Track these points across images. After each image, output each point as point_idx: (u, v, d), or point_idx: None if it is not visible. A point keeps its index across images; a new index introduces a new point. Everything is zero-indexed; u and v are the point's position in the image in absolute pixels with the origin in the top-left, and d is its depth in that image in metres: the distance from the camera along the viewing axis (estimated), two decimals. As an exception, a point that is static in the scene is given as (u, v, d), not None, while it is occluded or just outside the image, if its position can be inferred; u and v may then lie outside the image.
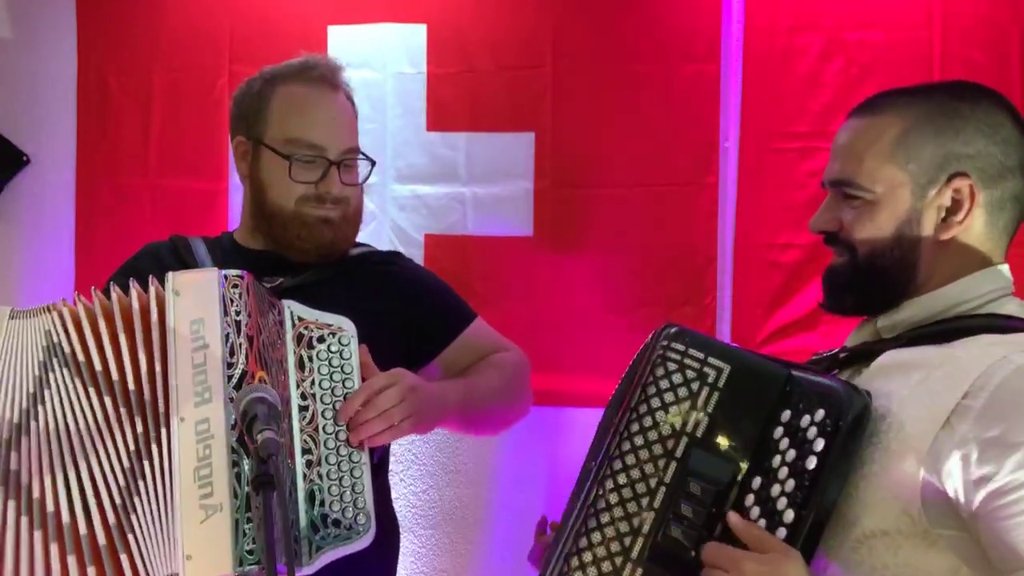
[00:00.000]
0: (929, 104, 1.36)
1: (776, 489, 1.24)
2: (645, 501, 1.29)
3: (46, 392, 1.43)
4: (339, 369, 1.59)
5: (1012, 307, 1.34)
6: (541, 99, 2.66)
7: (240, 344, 1.42)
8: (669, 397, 1.34)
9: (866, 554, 1.25)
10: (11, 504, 1.40)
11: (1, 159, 2.82)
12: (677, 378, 1.34)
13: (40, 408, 1.42)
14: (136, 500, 1.38)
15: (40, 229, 2.85)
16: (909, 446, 1.23)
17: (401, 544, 1.95)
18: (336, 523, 1.51)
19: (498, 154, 2.68)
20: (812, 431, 1.24)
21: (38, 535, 1.39)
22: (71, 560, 1.38)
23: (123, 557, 1.38)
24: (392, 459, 2.08)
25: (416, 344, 1.87)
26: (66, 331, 1.44)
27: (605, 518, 1.31)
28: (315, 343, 1.59)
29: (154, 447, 1.38)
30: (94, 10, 2.83)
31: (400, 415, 1.59)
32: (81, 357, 1.43)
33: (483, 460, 2.69)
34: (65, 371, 1.44)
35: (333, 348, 1.59)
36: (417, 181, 2.73)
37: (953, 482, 1.20)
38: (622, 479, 1.32)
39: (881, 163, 1.34)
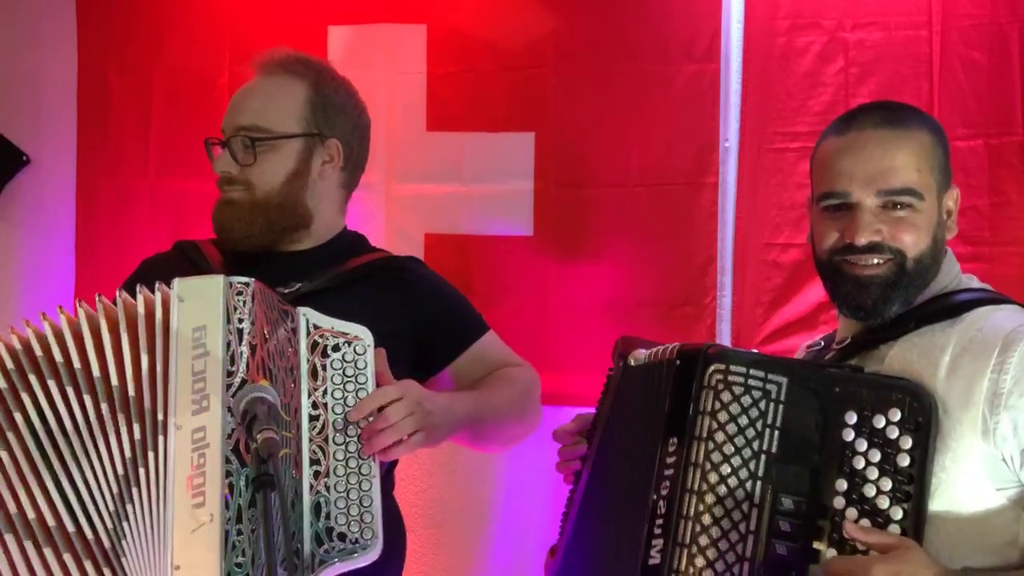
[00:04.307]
0: (928, 118, 1.53)
1: (871, 490, 1.34)
2: (743, 527, 1.34)
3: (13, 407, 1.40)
4: (353, 379, 1.56)
5: (976, 281, 1.52)
6: (541, 99, 2.65)
7: (241, 352, 1.40)
8: (743, 421, 1.38)
9: (940, 524, 1.35)
10: None
11: (1, 159, 2.81)
12: (746, 400, 1.39)
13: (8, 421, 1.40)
14: (129, 507, 1.37)
15: (40, 229, 2.84)
16: (959, 421, 1.36)
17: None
18: (342, 536, 1.48)
19: (498, 154, 2.67)
20: (893, 431, 1.34)
21: (28, 544, 1.38)
22: (67, 558, 1.37)
23: (121, 561, 1.37)
24: (392, 459, 2.07)
25: (427, 353, 1.86)
26: (60, 343, 1.41)
27: (711, 553, 1.33)
28: (330, 352, 1.56)
29: (151, 454, 1.37)
30: (94, 10, 2.82)
31: (410, 428, 1.57)
32: (78, 364, 1.41)
33: (484, 459, 2.68)
34: (33, 378, 1.40)
35: (348, 357, 1.57)
36: (417, 181, 2.72)
37: (1008, 447, 1.34)
38: (717, 511, 1.35)
39: (926, 173, 1.46)
